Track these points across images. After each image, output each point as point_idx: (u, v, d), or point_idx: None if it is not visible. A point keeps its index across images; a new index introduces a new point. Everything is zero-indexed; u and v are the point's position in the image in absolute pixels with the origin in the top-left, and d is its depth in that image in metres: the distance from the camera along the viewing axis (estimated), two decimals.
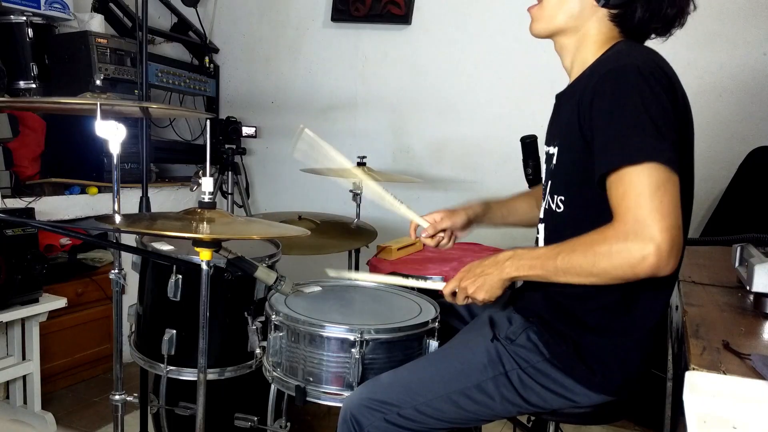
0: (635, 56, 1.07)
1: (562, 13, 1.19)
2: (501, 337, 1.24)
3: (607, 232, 1.01)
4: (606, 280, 1.03)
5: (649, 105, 1.00)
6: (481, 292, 1.18)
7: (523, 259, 1.13)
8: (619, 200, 1.00)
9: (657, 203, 0.96)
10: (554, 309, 1.20)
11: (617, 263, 0.99)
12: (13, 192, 2.43)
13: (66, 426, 2.30)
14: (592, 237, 1.03)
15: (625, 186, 0.99)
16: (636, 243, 0.96)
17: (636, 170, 0.98)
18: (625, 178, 0.99)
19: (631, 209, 0.98)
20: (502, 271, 1.15)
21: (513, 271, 1.14)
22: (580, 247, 1.04)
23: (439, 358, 1.28)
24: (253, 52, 3.51)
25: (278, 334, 1.39)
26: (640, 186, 0.97)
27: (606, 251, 1.00)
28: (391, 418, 1.19)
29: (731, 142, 2.55)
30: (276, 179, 3.53)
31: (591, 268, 1.02)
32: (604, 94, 1.04)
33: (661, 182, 0.97)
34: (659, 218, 0.96)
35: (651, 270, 0.97)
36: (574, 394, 1.19)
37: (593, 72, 1.12)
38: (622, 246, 0.98)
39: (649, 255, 0.95)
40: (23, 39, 2.64)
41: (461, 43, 3.01)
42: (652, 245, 0.95)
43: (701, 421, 0.74)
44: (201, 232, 1.22)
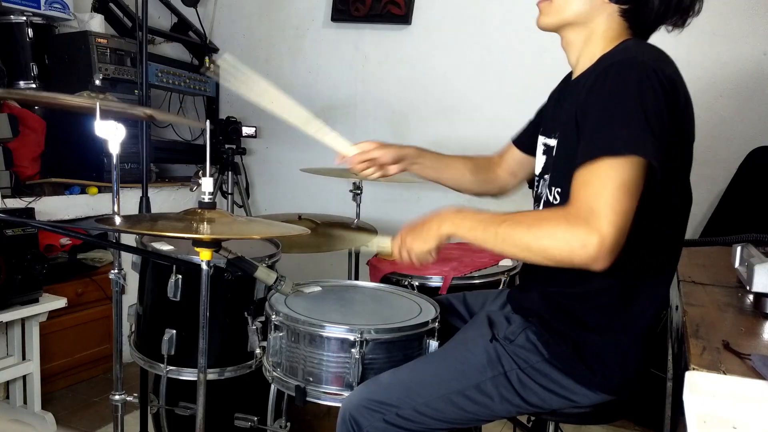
0: (642, 52, 1.07)
1: (571, 7, 1.18)
2: (500, 337, 1.24)
3: (558, 213, 1.01)
4: (539, 258, 1.02)
5: (646, 100, 0.99)
6: (417, 241, 1.17)
7: (467, 219, 1.12)
8: (580, 186, 1.00)
9: (616, 199, 0.96)
10: (553, 308, 1.20)
11: (558, 244, 0.98)
12: (13, 192, 2.43)
13: (66, 426, 2.30)
14: (541, 214, 1.04)
15: (592, 174, 0.98)
16: (581, 229, 0.96)
17: (611, 162, 0.97)
18: (597, 167, 0.98)
19: (589, 197, 0.97)
20: (441, 224, 1.14)
21: (451, 227, 1.13)
22: (527, 220, 1.04)
23: (438, 359, 1.28)
24: (253, 52, 3.51)
25: (278, 334, 1.39)
26: (606, 178, 0.97)
27: (550, 230, 0.99)
28: (390, 418, 1.19)
29: (731, 142, 2.55)
30: (276, 179, 3.53)
31: (530, 243, 1.02)
32: (603, 85, 1.04)
33: (629, 180, 0.97)
34: (613, 214, 0.95)
35: (587, 259, 0.96)
36: (574, 394, 1.19)
37: (597, 65, 1.11)
38: (566, 229, 0.98)
39: (591, 245, 0.95)
40: (23, 39, 2.64)
41: (461, 43, 3.01)
42: (597, 236, 0.95)
43: (701, 421, 0.74)
44: (201, 232, 1.22)
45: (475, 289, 1.68)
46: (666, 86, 1.02)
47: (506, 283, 1.88)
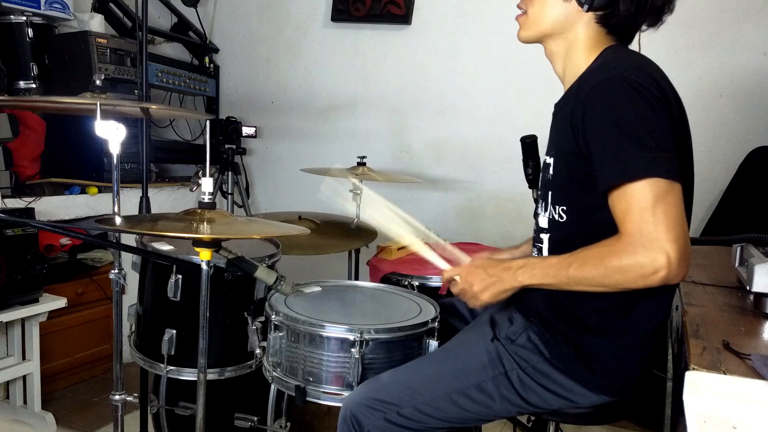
0: (622, 66, 1.07)
1: (546, 18, 1.20)
2: (501, 337, 1.24)
3: (617, 246, 1.02)
4: (618, 290, 1.05)
5: (642, 117, 1.01)
6: (488, 293, 1.18)
7: (536, 268, 1.13)
8: (624, 215, 1.01)
9: (661, 216, 0.98)
10: (555, 309, 1.20)
11: (630, 277, 1.01)
12: (13, 192, 2.43)
13: (66, 426, 2.30)
14: (602, 250, 1.04)
15: (627, 201, 1.01)
16: (646, 256, 0.98)
17: (636, 186, 0.99)
18: (627, 193, 1.00)
19: (636, 223, 0.99)
20: (515, 278, 1.15)
21: (525, 279, 1.14)
22: (592, 259, 1.05)
23: (440, 358, 1.28)
24: (253, 52, 3.51)
25: (278, 334, 1.39)
26: (642, 201, 0.99)
27: (617, 266, 1.01)
28: (391, 417, 1.19)
29: (731, 142, 2.55)
30: (276, 179, 3.53)
31: (603, 280, 1.04)
32: (595, 108, 1.05)
33: (661, 194, 0.98)
34: (665, 230, 0.97)
35: (663, 281, 0.99)
36: (574, 395, 1.19)
37: (583, 84, 1.12)
38: (632, 260, 0.99)
39: (661, 267, 0.97)
40: (23, 39, 2.64)
41: (461, 43, 3.01)
42: (663, 257, 0.97)
43: (701, 421, 0.74)
44: (201, 232, 1.22)
45: None
46: (655, 94, 1.03)
47: None
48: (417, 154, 3.17)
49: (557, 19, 1.19)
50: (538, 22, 1.22)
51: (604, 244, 1.04)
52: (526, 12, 1.24)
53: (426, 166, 3.14)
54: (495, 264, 1.19)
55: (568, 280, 1.08)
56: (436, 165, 3.12)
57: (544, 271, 1.12)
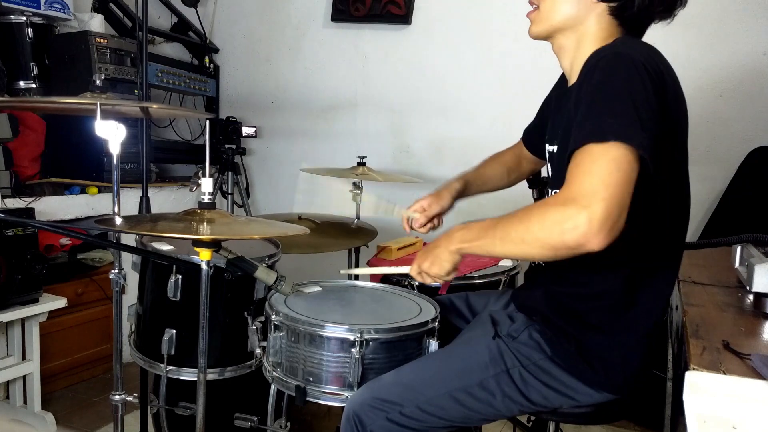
0: (632, 48, 1.06)
1: (559, 12, 1.18)
2: (503, 334, 1.24)
3: (549, 199, 1.00)
4: (537, 250, 1.00)
5: (635, 92, 0.98)
6: (434, 266, 1.19)
7: (470, 231, 1.12)
8: (571, 171, 0.98)
9: (606, 175, 0.93)
10: (556, 307, 1.20)
11: (547, 227, 0.96)
12: (13, 192, 2.43)
13: (66, 426, 2.30)
14: (533, 204, 1.02)
15: (583, 158, 0.96)
16: (570, 209, 0.93)
17: (600, 147, 0.95)
18: (587, 152, 0.96)
19: (579, 178, 0.95)
20: (450, 243, 1.15)
21: (459, 242, 1.14)
22: (519, 213, 1.03)
23: (442, 357, 1.28)
24: (253, 52, 3.51)
25: (278, 334, 1.39)
26: (598, 160, 0.94)
27: (541, 217, 0.98)
28: (393, 416, 1.19)
29: (731, 142, 2.55)
30: (276, 179, 3.53)
31: (524, 235, 1.00)
32: (592, 78, 1.03)
33: (620, 162, 0.93)
34: (602, 190, 0.92)
35: (578, 239, 0.92)
36: (576, 392, 1.19)
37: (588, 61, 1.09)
38: (556, 211, 0.95)
39: (580, 223, 0.91)
40: (23, 39, 2.64)
41: (461, 43, 3.01)
42: (585, 213, 0.91)
43: (701, 421, 0.74)
44: (201, 232, 1.22)
45: (474, 289, 1.68)
46: (654, 78, 1.01)
47: (506, 283, 1.88)
48: (417, 154, 3.17)
49: (570, 12, 1.17)
50: (550, 17, 1.20)
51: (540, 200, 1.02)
52: (539, 7, 1.22)
53: (426, 166, 3.14)
54: (438, 238, 1.20)
55: (494, 239, 1.06)
56: (436, 165, 3.12)
57: (477, 232, 1.10)
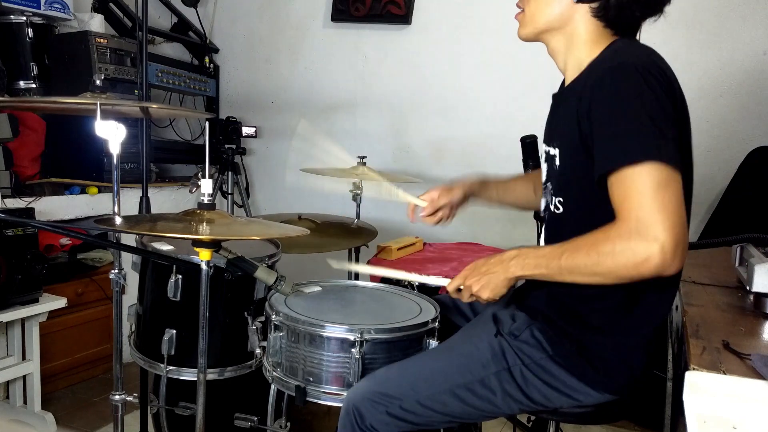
0: (633, 54, 1.07)
1: (542, 14, 1.21)
2: (505, 332, 1.24)
3: (611, 232, 1.00)
4: (611, 280, 1.02)
5: (649, 104, 1.00)
6: (486, 290, 1.17)
7: (528, 258, 1.12)
8: (621, 200, 1.00)
9: (659, 202, 0.96)
10: (558, 308, 1.20)
11: (621, 263, 0.98)
12: (13, 192, 2.43)
13: (66, 426, 2.30)
14: (596, 236, 1.02)
15: (626, 186, 0.99)
16: (640, 242, 0.96)
17: (636, 170, 0.97)
18: (626, 178, 0.99)
19: (634, 209, 0.97)
20: (507, 269, 1.14)
21: (518, 270, 1.13)
22: (584, 246, 1.04)
23: (443, 353, 1.28)
24: (253, 52, 3.51)
25: (278, 334, 1.39)
26: (641, 185, 0.97)
27: (610, 251, 0.99)
28: (393, 410, 1.19)
29: (731, 142, 2.55)
30: (276, 179, 3.53)
31: (595, 268, 1.02)
32: (603, 93, 1.04)
33: (662, 181, 0.96)
34: (662, 217, 0.95)
35: (656, 269, 0.96)
36: (577, 392, 1.19)
37: (591, 71, 1.11)
38: (625, 245, 0.97)
39: (654, 255, 0.95)
40: (23, 39, 2.64)
41: (461, 43, 3.01)
42: (656, 245, 0.94)
43: (701, 421, 0.74)
44: (201, 232, 1.22)
45: None
46: (663, 84, 1.02)
47: None
48: (417, 154, 3.17)
49: (553, 14, 1.19)
50: (535, 19, 1.22)
51: (599, 231, 1.02)
52: (524, 10, 1.25)
53: (426, 166, 3.14)
54: (486, 260, 1.19)
55: (560, 269, 1.06)
56: (436, 165, 3.12)
57: (537, 261, 1.11)
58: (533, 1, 1.22)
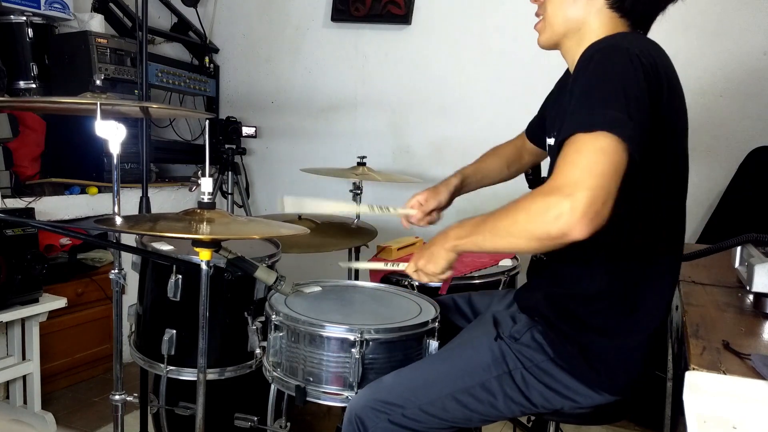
0: (630, 41, 1.05)
1: (561, 18, 1.19)
2: (505, 335, 1.24)
3: (535, 190, 0.98)
4: (524, 242, 0.99)
5: (627, 83, 0.97)
6: (430, 263, 1.19)
7: (464, 227, 1.12)
8: (560, 159, 0.97)
9: (591, 164, 0.92)
10: (558, 310, 1.20)
11: (533, 219, 0.95)
12: (13, 192, 2.43)
13: (66, 426, 2.30)
14: (522, 196, 1.00)
15: (570, 148, 0.95)
16: (554, 197, 0.92)
17: (588, 136, 0.94)
18: (575, 142, 0.95)
19: (565, 168, 0.94)
20: (446, 240, 1.15)
21: (453, 240, 1.14)
22: (509, 206, 1.02)
23: (443, 358, 1.28)
24: (253, 52, 3.51)
25: (278, 334, 1.39)
26: (583, 149, 0.94)
27: (526, 208, 0.97)
28: (395, 418, 1.19)
29: (731, 142, 2.55)
30: (276, 179, 3.53)
31: (511, 227, 1.00)
32: (587, 69, 1.02)
33: (605, 149, 0.93)
34: (587, 176, 0.91)
35: (561, 228, 0.91)
36: (578, 395, 1.19)
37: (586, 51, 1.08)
38: (541, 201, 0.95)
39: (564, 212, 0.90)
40: (23, 39, 2.64)
41: (461, 43, 3.01)
42: (568, 201, 0.90)
43: (701, 421, 0.74)
44: (200, 232, 1.22)
45: (475, 289, 1.68)
46: (648, 70, 1.00)
47: (506, 283, 1.88)
48: (417, 154, 3.17)
49: (573, 15, 1.17)
50: (554, 24, 1.20)
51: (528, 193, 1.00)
52: (543, 17, 1.23)
53: (426, 166, 3.14)
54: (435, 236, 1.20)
55: (485, 234, 1.05)
56: (436, 165, 3.12)
57: (471, 229, 1.10)
58: (551, 6, 1.20)
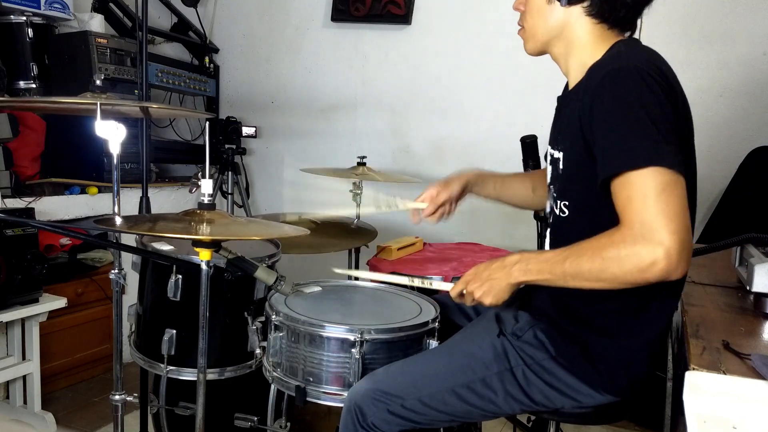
0: (634, 57, 1.07)
1: (540, 26, 1.21)
2: (507, 333, 1.24)
3: (615, 236, 1.00)
4: (616, 285, 1.02)
5: (650, 107, 1.00)
6: (489, 296, 1.16)
7: (531, 263, 1.12)
8: (625, 204, 0.99)
9: (663, 206, 0.95)
10: (561, 309, 1.20)
11: (627, 268, 0.98)
12: (13, 192, 2.43)
13: (66, 426, 2.30)
14: (600, 241, 1.02)
15: (630, 190, 0.98)
16: (645, 247, 0.95)
17: (639, 174, 0.97)
18: (629, 182, 0.98)
19: (638, 213, 0.97)
20: (509, 275, 1.13)
21: (521, 276, 1.12)
22: (588, 251, 1.03)
23: (445, 352, 1.28)
24: (253, 52, 3.51)
25: (278, 334, 1.39)
26: (645, 189, 0.97)
27: (615, 256, 0.99)
28: (394, 409, 1.20)
29: (731, 142, 2.55)
30: (276, 179, 3.53)
31: (600, 273, 1.01)
32: (604, 96, 1.04)
33: (665, 185, 0.96)
34: (666, 221, 0.95)
35: (661, 274, 0.96)
36: (579, 394, 1.19)
37: (593, 75, 1.11)
38: (630, 250, 0.97)
39: (659, 259, 0.94)
40: (23, 39, 2.64)
41: (461, 43, 3.01)
42: (661, 249, 0.94)
43: (701, 421, 0.74)
44: (201, 232, 1.22)
45: None
46: (664, 87, 1.02)
47: None
48: (417, 154, 3.17)
49: (550, 23, 1.20)
50: (535, 33, 1.23)
51: (603, 236, 1.02)
52: (524, 27, 1.26)
53: (426, 166, 3.14)
54: (488, 265, 1.18)
55: (564, 275, 1.06)
56: (436, 165, 3.12)
57: (540, 266, 1.10)
58: (530, 17, 1.23)
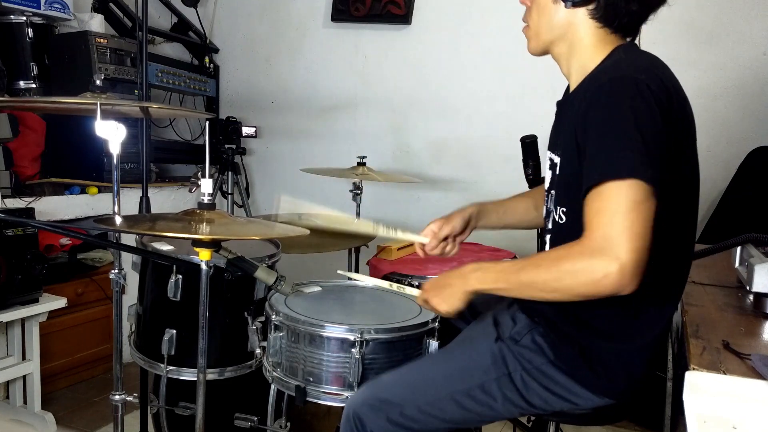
0: (634, 67, 1.06)
1: (545, 26, 1.20)
2: (505, 337, 1.23)
3: (574, 248, 1.00)
4: (568, 297, 1.02)
5: (642, 121, 0.99)
6: (443, 303, 1.18)
7: (488, 272, 1.13)
8: (593, 216, 0.99)
9: (629, 223, 0.95)
10: (560, 311, 1.19)
11: (581, 280, 0.98)
12: (13, 192, 2.43)
13: (66, 426, 2.30)
14: (558, 252, 1.03)
15: (601, 203, 0.98)
16: (600, 260, 0.95)
17: (617, 186, 0.96)
18: (603, 192, 0.98)
19: (603, 227, 0.97)
20: (466, 282, 1.15)
21: (477, 284, 1.14)
22: (545, 262, 1.04)
23: (443, 358, 1.28)
24: (253, 52, 3.51)
25: (278, 334, 1.39)
26: (616, 203, 0.96)
27: (570, 268, 0.99)
28: (393, 417, 1.19)
29: (731, 142, 2.55)
30: (276, 179, 3.53)
31: (554, 284, 1.02)
32: (599, 104, 1.03)
33: (637, 200, 0.96)
34: (628, 238, 0.94)
35: (612, 288, 0.96)
36: (577, 397, 1.18)
37: (592, 81, 1.10)
38: (587, 263, 0.97)
39: (612, 273, 0.94)
40: (23, 39, 2.64)
41: (461, 43, 3.01)
42: (616, 264, 0.94)
43: (701, 421, 0.74)
44: (200, 232, 1.22)
45: None
46: (661, 99, 1.01)
47: None
48: (417, 154, 3.17)
49: (555, 23, 1.19)
50: (539, 32, 1.22)
51: (563, 247, 1.02)
52: (529, 24, 1.25)
53: (426, 166, 3.15)
54: (448, 274, 1.19)
55: (519, 284, 1.07)
56: (436, 165, 3.12)
57: (496, 276, 1.11)
58: (535, 15, 1.22)
